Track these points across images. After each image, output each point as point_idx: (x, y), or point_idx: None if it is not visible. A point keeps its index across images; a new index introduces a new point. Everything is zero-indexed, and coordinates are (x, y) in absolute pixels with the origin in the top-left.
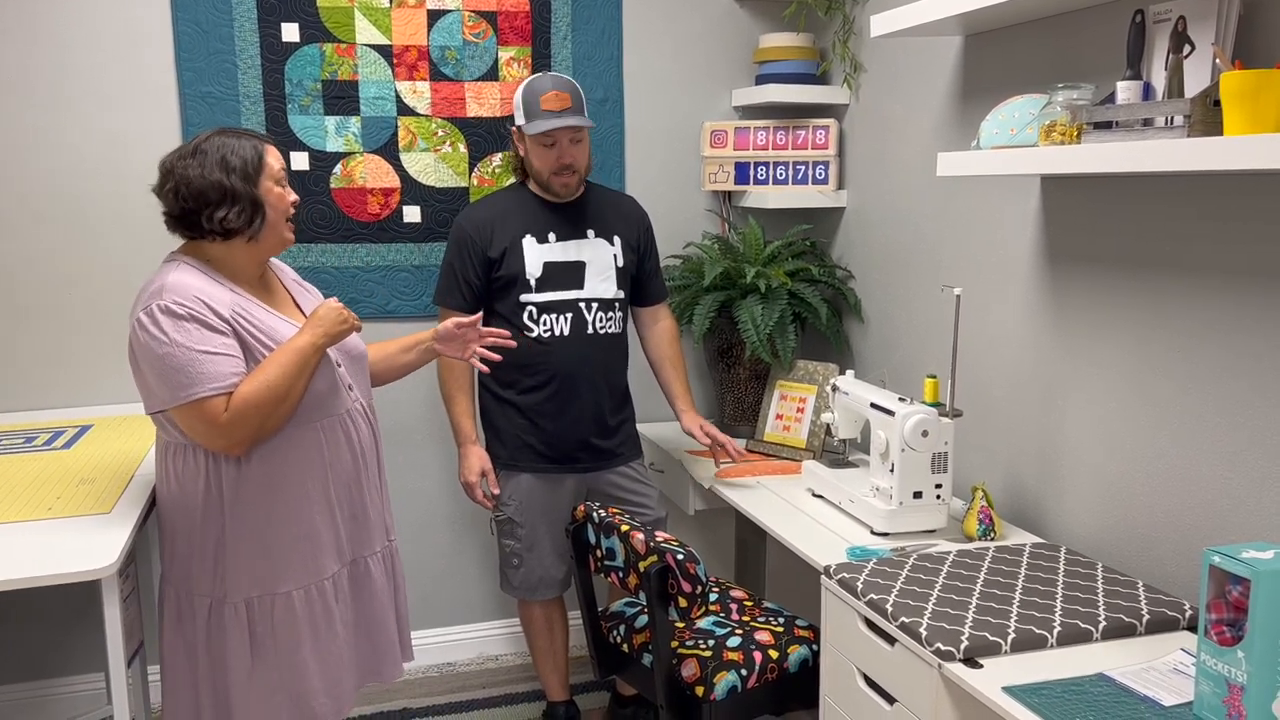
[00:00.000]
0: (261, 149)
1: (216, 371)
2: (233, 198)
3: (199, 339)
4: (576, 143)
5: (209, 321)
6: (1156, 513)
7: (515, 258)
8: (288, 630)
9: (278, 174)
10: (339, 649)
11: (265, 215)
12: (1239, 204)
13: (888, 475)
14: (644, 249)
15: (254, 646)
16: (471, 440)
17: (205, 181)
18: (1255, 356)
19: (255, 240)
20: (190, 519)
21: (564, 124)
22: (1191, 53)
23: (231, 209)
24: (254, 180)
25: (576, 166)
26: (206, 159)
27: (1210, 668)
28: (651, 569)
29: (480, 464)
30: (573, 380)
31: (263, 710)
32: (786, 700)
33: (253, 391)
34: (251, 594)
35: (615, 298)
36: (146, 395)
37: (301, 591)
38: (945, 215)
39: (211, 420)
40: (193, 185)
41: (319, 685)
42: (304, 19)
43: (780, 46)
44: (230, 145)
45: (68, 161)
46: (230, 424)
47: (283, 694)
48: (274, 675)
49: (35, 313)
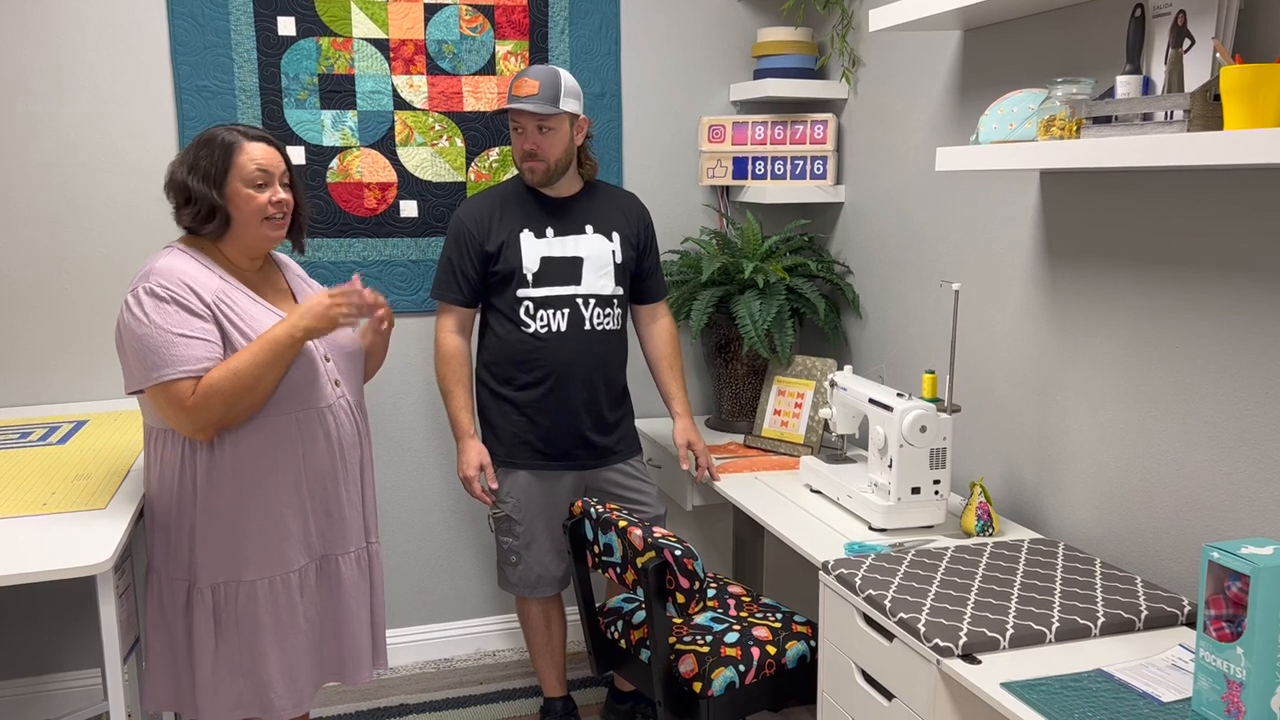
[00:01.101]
0: (234, 148)
1: (189, 355)
2: (189, 199)
3: (177, 322)
4: (547, 131)
5: (190, 305)
6: (1155, 508)
7: (512, 252)
8: (250, 618)
9: (250, 175)
10: (299, 643)
11: (228, 217)
12: (1239, 199)
13: (886, 471)
14: (644, 246)
15: (218, 631)
16: (469, 435)
17: (174, 181)
18: (1255, 352)
19: (223, 239)
20: (168, 503)
21: (519, 107)
22: (1191, 47)
23: (188, 208)
24: (219, 182)
25: (543, 155)
26: (187, 157)
27: (1209, 664)
28: (649, 565)
29: (478, 459)
30: (570, 377)
31: (225, 694)
32: (784, 696)
33: (220, 378)
34: (217, 579)
35: (613, 294)
36: (126, 375)
37: (265, 582)
38: (944, 210)
39: (179, 403)
40: (170, 183)
41: (278, 676)
42: (300, 12)
43: (778, 41)
44: (209, 143)
45: (62, 156)
46: (195, 408)
47: (244, 679)
48: (235, 660)
49: (30, 307)
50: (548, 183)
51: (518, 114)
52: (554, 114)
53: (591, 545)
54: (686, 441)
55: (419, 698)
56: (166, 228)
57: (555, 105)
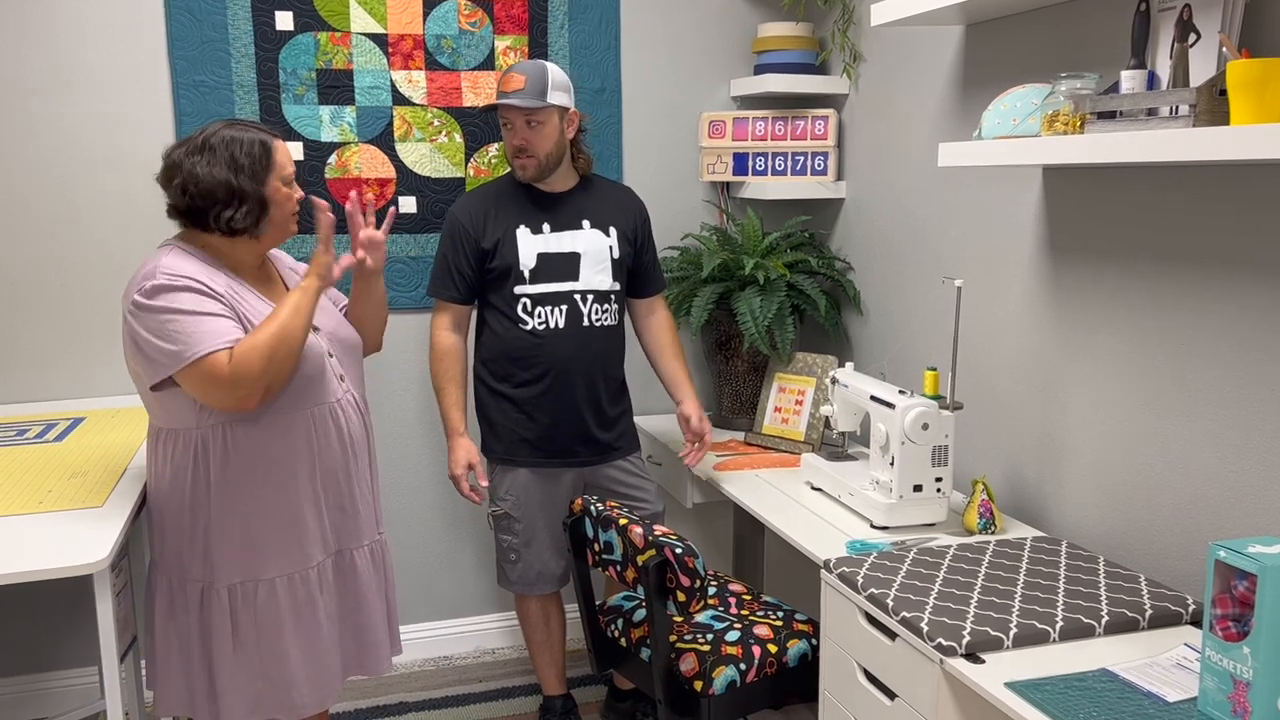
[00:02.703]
0: (271, 146)
1: (216, 329)
2: (240, 198)
3: (196, 304)
4: (535, 125)
5: (204, 290)
6: (1158, 506)
7: (509, 249)
8: (270, 617)
9: (288, 175)
10: (322, 639)
11: (270, 214)
12: (1244, 195)
13: (888, 468)
14: (641, 241)
15: (236, 632)
16: (459, 433)
17: (214, 180)
18: (1260, 348)
19: (257, 238)
20: (180, 504)
21: (505, 102)
22: (1197, 41)
23: (239, 209)
24: (263, 179)
25: (532, 150)
26: (215, 156)
27: (1215, 663)
28: (650, 563)
29: (466, 457)
30: (568, 373)
31: (246, 696)
32: (785, 695)
33: (252, 341)
34: (235, 580)
35: (611, 289)
36: (150, 369)
37: (285, 579)
38: (946, 206)
39: (217, 376)
40: (201, 184)
41: (300, 675)
42: (298, 7)
43: (779, 36)
44: (239, 142)
45: (58, 150)
46: (234, 375)
47: (264, 680)
48: (256, 661)
49: (27, 303)
50: (540, 178)
51: (506, 110)
52: (541, 108)
53: (592, 543)
54: (698, 413)
55: (418, 695)
56: (163, 223)
57: (542, 99)
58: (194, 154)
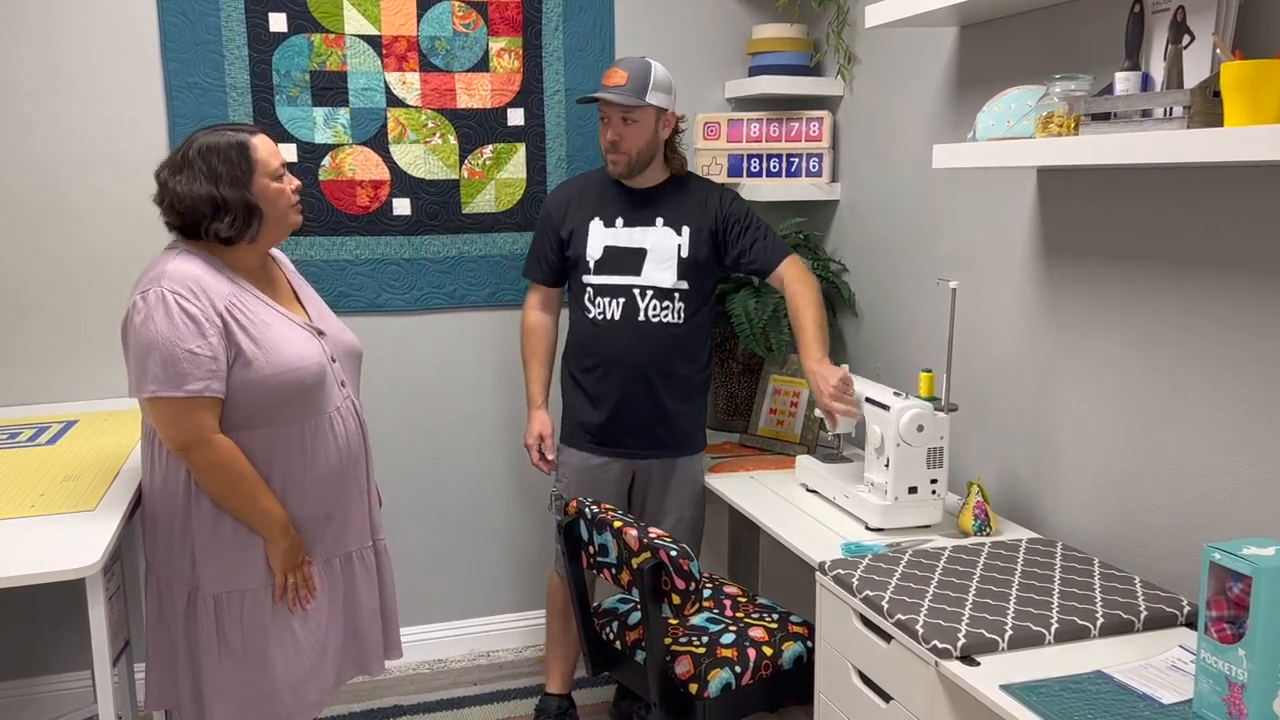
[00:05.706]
0: (248, 145)
1: (194, 372)
2: (224, 208)
3: (188, 335)
4: (630, 123)
5: (198, 316)
6: (1153, 507)
7: (580, 239)
8: (255, 626)
9: (274, 169)
10: (309, 647)
11: (263, 216)
12: (1238, 196)
13: (883, 470)
14: (725, 231)
15: (221, 640)
16: (537, 405)
17: (196, 196)
18: (1254, 350)
19: (255, 241)
20: (171, 507)
21: (603, 97)
22: (1191, 43)
23: (224, 219)
24: (246, 183)
25: (625, 146)
26: (194, 170)
27: (1210, 665)
28: (645, 565)
29: (539, 428)
30: (621, 365)
31: (233, 703)
32: (781, 697)
33: (238, 464)
34: (221, 589)
35: (675, 288)
36: (135, 377)
37: (272, 588)
38: (940, 208)
39: (175, 420)
40: (184, 201)
41: (286, 683)
42: (292, 9)
43: (773, 38)
44: (216, 149)
45: (52, 152)
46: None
47: (250, 689)
48: (242, 669)
49: (19, 306)
50: (630, 174)
51: (603, 104)
52: (638, 106)
53: (587, 545)
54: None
55: (413, 699)
56: (156, 226)
57: (640, 98)
58: (176, 172)
